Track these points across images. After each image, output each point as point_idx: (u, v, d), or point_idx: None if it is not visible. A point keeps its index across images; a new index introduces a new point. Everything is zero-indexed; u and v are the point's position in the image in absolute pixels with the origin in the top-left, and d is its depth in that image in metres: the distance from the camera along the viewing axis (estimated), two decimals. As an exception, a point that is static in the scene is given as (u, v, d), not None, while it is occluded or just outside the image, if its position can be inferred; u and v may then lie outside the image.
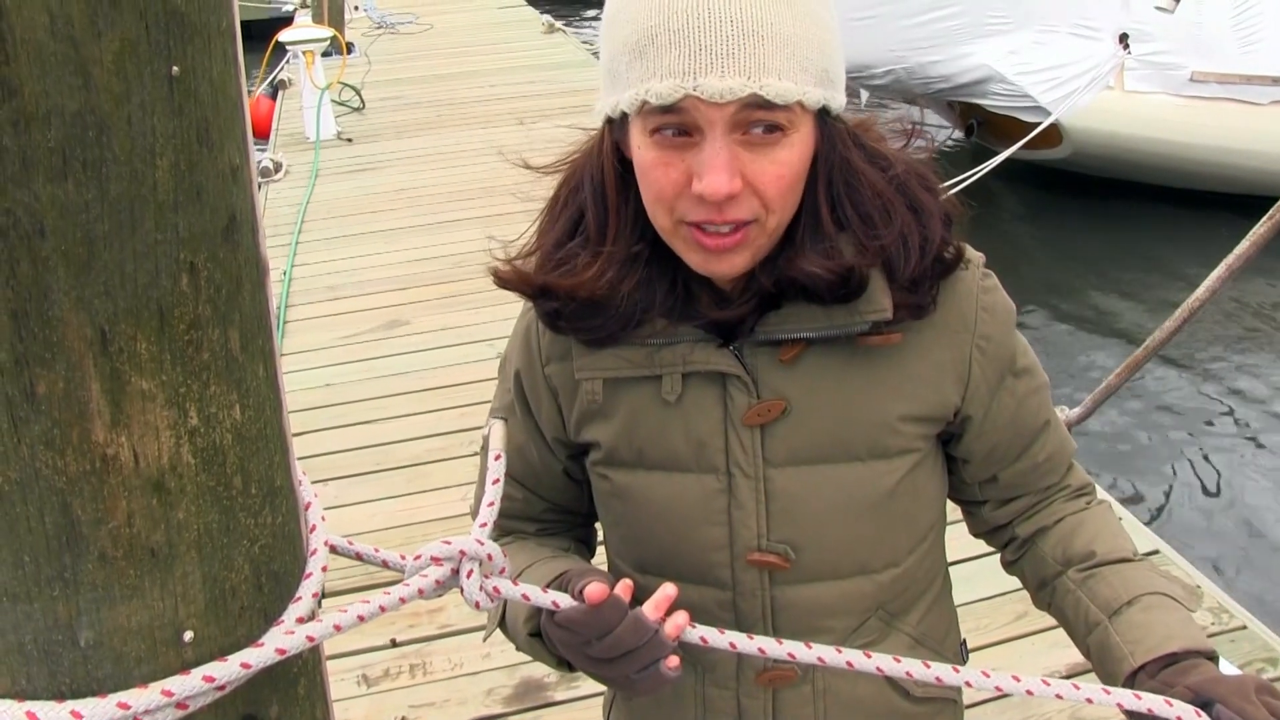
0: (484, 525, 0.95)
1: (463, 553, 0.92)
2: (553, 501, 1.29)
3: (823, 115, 1.03)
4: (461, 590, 0.93)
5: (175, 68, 0.60)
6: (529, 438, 1.24)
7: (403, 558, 0.92)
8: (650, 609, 1.02)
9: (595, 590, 1.00)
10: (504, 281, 1.15)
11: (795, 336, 1.08)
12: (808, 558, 1.14)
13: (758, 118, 0.97)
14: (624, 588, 1.04)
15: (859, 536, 1.14)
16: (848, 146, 1.06)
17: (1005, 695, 1.79)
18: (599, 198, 1.10)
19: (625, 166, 1.07)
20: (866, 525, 1.14)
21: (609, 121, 1.07)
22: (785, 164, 0.99)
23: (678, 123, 0.98)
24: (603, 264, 1.08)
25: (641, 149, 1.01)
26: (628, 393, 1.15)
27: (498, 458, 1.00)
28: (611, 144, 1.08)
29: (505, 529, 1.31)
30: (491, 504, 0.97)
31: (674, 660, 1.04)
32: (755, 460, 1.12)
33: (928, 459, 1.18)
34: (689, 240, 1.02)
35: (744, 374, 1.10)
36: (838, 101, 1.03)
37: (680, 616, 1.02)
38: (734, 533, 1.14)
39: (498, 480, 0.98)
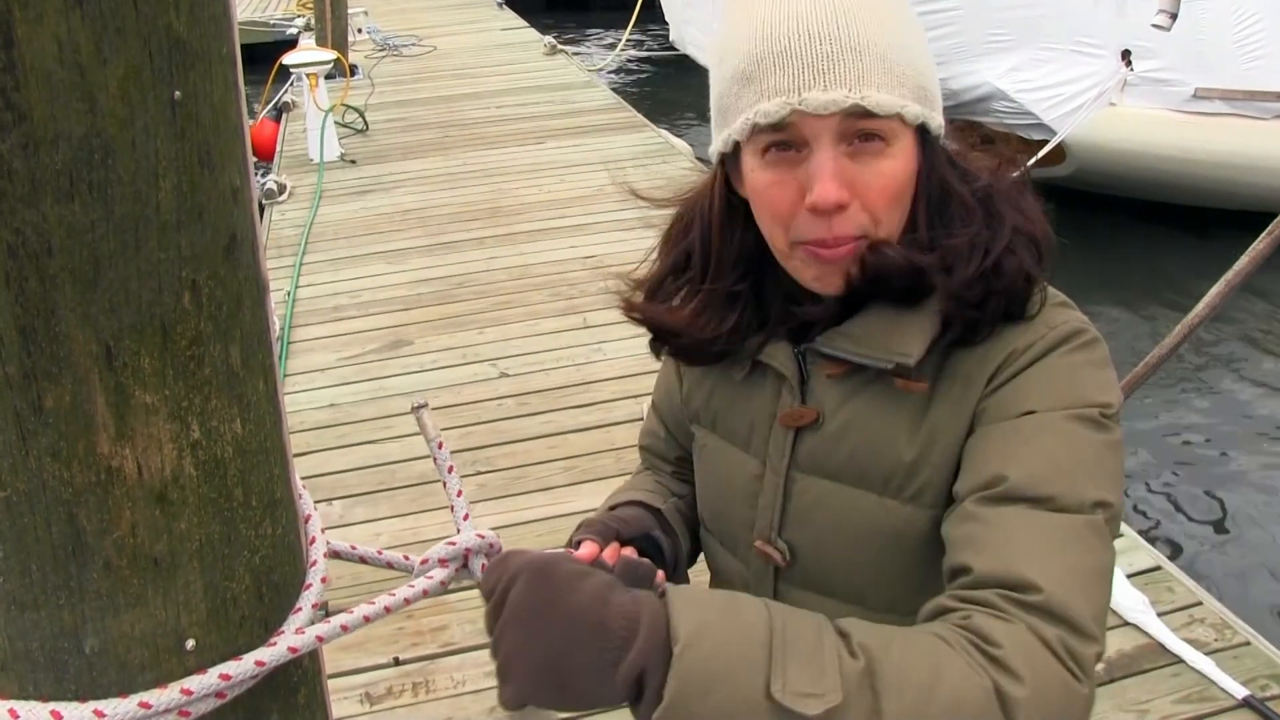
0: (466, 518, 0.98)
1: (469, 550, 0.96)
2: (685, 449, 1.38)
3: (923, 134, 1.07)
4: (480, 585, 0.97)
5: (178, 93, 0.62)
6: (672, 384, 1.36)
7: (406, 558, 0.94)
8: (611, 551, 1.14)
9: (581, 554, 1.09)
10: (625, 312, 1.23)
11: (835, 355, 1.11)
12: (805, 564, 1.18)
13: (862, 128, 1.01)
14: (611, 550, 1.15)
15: (856, 564, 1.14)
16: (945, 166, 1.09)
17: None
18: (705, 235, 1.16)
19: (733, 206, 1.13)
20: (865, 557, 1.13)
21: (722, 161, 1.13)
22: (890, 175, 1.03)
23: (786, 139, 1.03)
24: (702, 301, 1.16)
25: (755, 172, 1.06)
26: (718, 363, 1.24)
27: (440, 445, 1.02)
28: (723, 182, 1.14)
29: (646, 462, 1.46)
30: (460, 493, 1.00)
31: (661, 574, 1.13)
32: (783, 459, 1.17)
33: None
34: (805, 259, 1.07)
35: (793, 378, 1.15)
36: (936, 121, 1.07)
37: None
38: (757, 518, 1.20)
39: (452, 468, 1.02)
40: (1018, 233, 1.07)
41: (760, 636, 0.81)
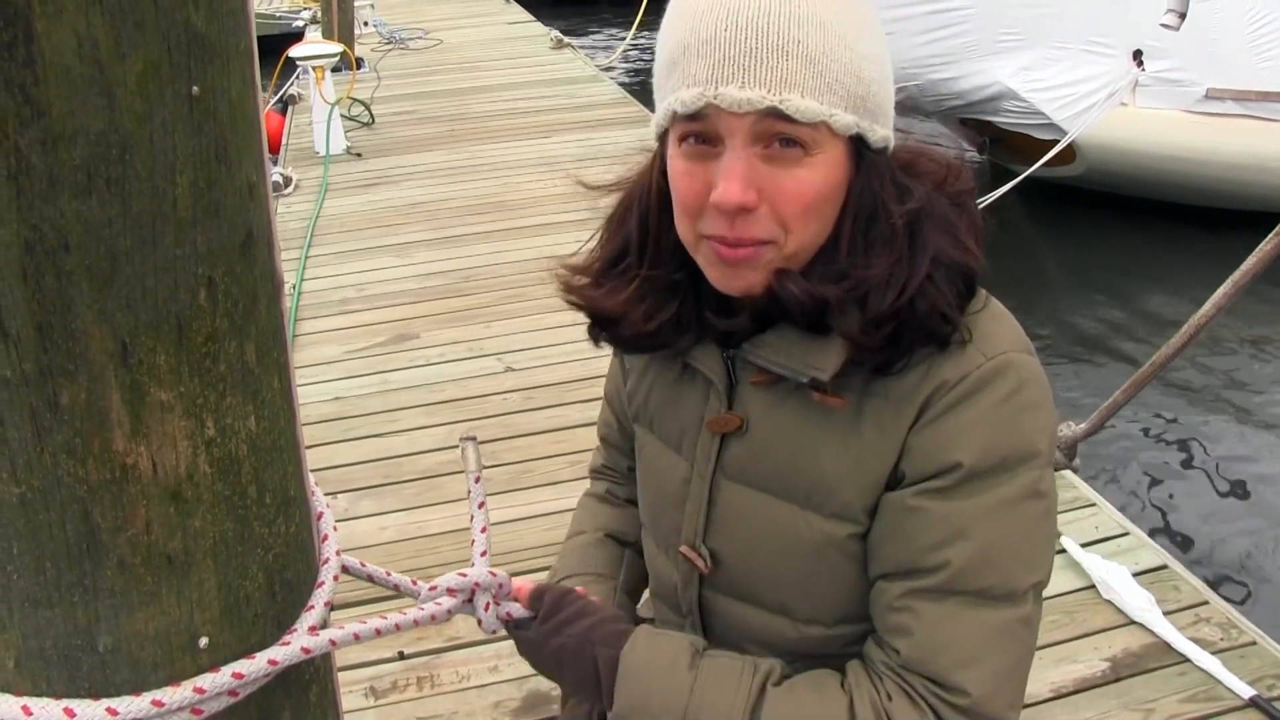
0: (484, 554, 0.97)
1: (477, 585, 0.94)
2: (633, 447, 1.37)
3: (860, 146, 1.02)
4: (480, 622, 0.96)
5: (195, 88, 0.62)
6: (619, 379, 1.36)
7: (414, 583, 0.93)
8: None
9: None
10: (563, 295, 1.19)
11: (758, 363, 1.08)
12: (728, 572, 1.17)
13: (779, 131, 0.96)
14: None
15: (779, 575, 1.13)
16: (883, 184, 1.03)
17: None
18: (644, 220, 1.12)
19: (669, 192, 1.09)
20: (789, 568, 1.12)
21: (660, 142, 1.09)
22: (806, 183, 0.98)
23: (702, 131, 0.99)
24: (641, 288, 1.12)
25: (673, 159, 1.04)
26: (655, 361, 1.23)
27: (478, 480, 1.01)
28: (661, 168, 1.10)
29: (605, 462, 1.48)
30: (485, 529, 0.98)
31: None
32: (709, 464, 1.15)
33: None
34: (709, 255, 1.03)
35: (720, 382, 1.13)
36: (878, 135, 1.02)
37: None
38: (684, 522, 1.19)
39: (483, 504, 1.00)
40: (938, 264, 1.01)
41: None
